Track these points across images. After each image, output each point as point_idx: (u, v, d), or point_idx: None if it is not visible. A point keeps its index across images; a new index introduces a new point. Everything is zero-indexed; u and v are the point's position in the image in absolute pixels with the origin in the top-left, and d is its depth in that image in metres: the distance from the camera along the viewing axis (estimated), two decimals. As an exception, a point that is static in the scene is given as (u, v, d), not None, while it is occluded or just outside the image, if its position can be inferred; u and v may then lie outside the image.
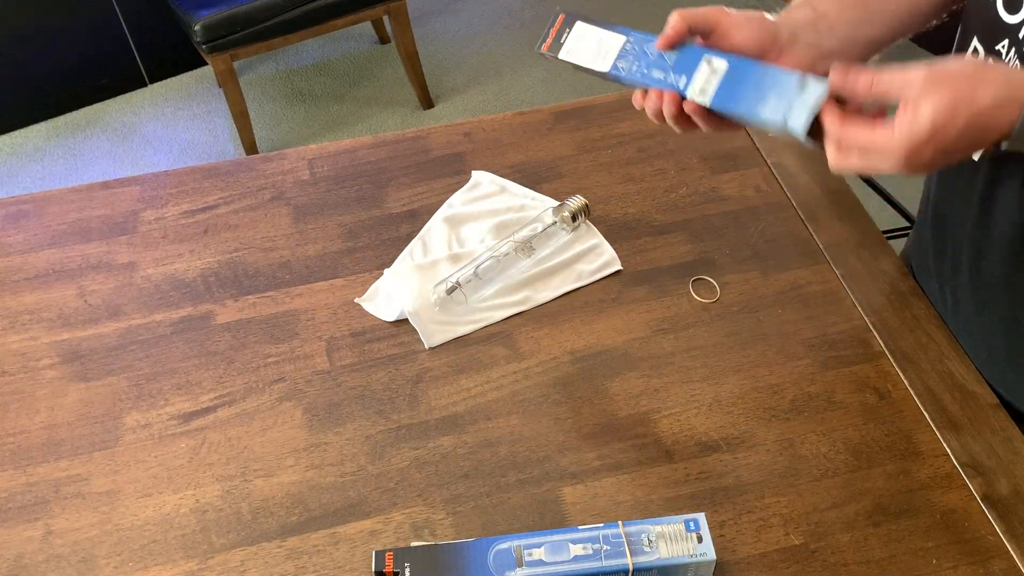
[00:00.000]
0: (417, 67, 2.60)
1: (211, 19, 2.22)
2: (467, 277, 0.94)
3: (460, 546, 0.69)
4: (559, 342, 0.91)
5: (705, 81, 0.71)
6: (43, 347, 0.93)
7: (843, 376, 0.86)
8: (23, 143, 2.67)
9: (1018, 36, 0.70)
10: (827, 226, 1.00)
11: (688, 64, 0.72)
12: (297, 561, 0.75)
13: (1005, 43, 0.72)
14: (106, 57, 2.71)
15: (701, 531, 0.69)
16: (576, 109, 1.16)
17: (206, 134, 2.66)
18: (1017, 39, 0.70)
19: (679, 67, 0.72)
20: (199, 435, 0.84)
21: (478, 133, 1.14)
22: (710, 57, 0.71)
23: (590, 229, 1.01)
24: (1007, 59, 0.72)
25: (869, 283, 0.94)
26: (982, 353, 0.85)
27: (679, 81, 0.72)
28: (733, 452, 0.81)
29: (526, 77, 2.79)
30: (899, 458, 0.80)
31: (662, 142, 1.11)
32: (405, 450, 0.82)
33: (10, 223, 1.06)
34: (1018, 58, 0.70)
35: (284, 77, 2.85)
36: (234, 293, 0.97)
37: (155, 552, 0.76)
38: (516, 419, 0.84)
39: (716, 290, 0.95)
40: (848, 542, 0.75)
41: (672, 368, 0.88)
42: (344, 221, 1.04)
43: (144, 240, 1.03)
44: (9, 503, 0.80)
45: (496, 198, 1.05)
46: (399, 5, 2.45)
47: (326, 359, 0.90)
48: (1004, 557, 0.73)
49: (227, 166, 1.11)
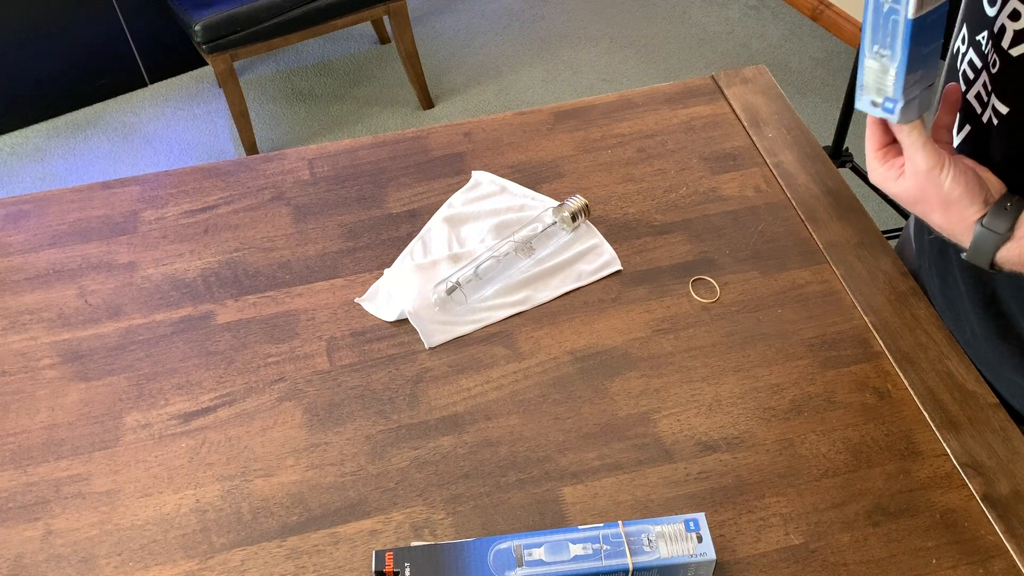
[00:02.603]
0: (417, 67, 2.60)
1: (211, 19, 2.22)
2: (467, 277, 0.94)
3: (460, 546, 0.69)
4: (559, 342, 0.91)
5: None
6: (43, 347, 0.93)
7: (843, 376, 0.86)
8: (23, 143, 2.67)
9: (994, 29, 0.70)
10: (827, 226, 1.00)
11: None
12: (297, 561, 0.75)
13: (985, 34, 0.72)
14: (106, 57, 2.71)
15: (701, 531, 0.69)
16: (576, 109, 1.17)
17: (206, 134, 2.66)
18: (993, 32, 0.70)
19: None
20: (199, 435, 0.85)
21: (478, 133, 1.14)
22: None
23: (590, 229, 1.01)
24: (985, 50, 0.72)
25: (869, 283, 0.94)
26: (966, 332, 0.87)
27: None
28: (733, 452, 0.81)
29: (526, 77, 2.79)
30: (899, 458, 0.80)
31: (662, 142, 1.11)
32: (405, 450, 0.83)
33: (10, 223, 1.06)
34: (994, 50, 0.70)
35: (284, 77, 2.85)
36: (234, 293, 0.97)
37: (155, 552, 0.76)
38: (516, 419, 0.84)
39: (716, 290, 0.95)
40: (848, 542, 0.75)
41: (672, 368, 0.88)
42: (344, 221, 1.04)
43: (144, 240, 1.03)
44: (9, 503, 0.80)
45: (496, 198, 1.05)
46: (399, 5, 2.45)
47: (326, 359, 0.90)
48: (1004, 557, 0.73)
49: (227, 166, 1.11)
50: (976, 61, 0.74)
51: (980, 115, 0.75)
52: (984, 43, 0.73)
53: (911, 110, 0.71)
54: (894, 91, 0.70)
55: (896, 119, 0.71)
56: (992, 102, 0.72)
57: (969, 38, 0.76)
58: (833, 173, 1.06)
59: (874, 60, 0.70)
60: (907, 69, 0.68)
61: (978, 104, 0.75)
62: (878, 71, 0.71)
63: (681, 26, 2.97)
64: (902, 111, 0.70)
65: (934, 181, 0.70)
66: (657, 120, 1.14)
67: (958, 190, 0.69)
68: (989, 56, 0.72)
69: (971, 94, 0.76)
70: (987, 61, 0.72)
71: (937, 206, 0.71)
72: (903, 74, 0.68)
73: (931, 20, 0.67)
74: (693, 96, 1.17)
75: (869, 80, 0.72)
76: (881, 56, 0.69)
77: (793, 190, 1.04)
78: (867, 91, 0.73)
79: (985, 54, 0.73)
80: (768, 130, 1.11)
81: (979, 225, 0.69)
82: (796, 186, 1.05)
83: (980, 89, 0.74)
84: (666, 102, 1.16)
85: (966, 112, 0.77)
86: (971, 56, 0.75)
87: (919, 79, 0.70)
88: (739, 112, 1.14)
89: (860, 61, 0.72)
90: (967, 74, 0.76)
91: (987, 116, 0.74)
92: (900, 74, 0.69)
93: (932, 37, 0.68)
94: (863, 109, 0.74)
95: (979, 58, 0.74)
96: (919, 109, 0.71)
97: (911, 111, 0.71)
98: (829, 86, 2.72)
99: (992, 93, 0.72)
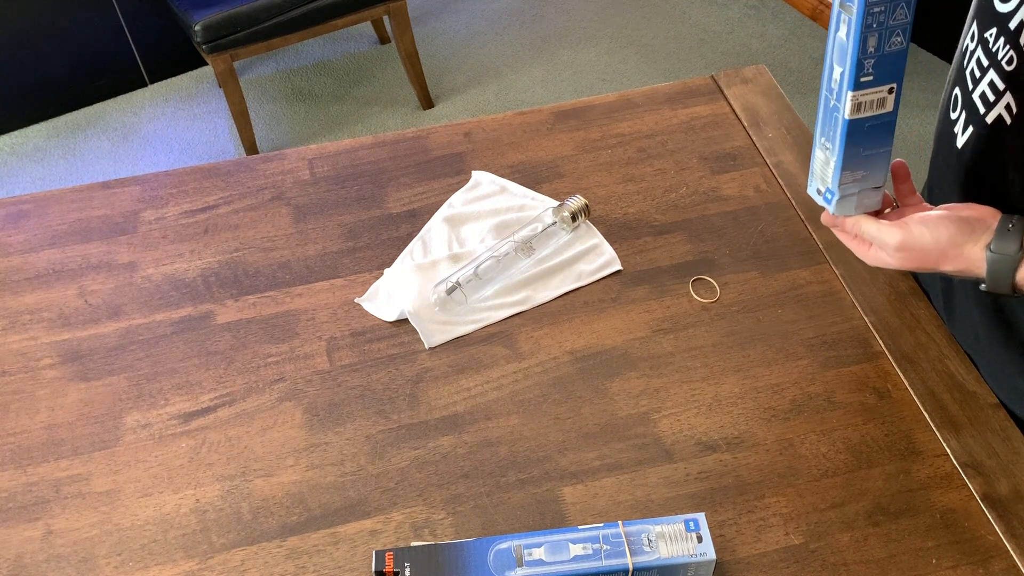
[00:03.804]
0: (417, 67, 2.60)
1: (211, 19, 2.22)
2: (467, 277, 0.94)
3: (460, 546, 0.69)
4: (559, 342, 0.91)
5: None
6: (43, 347, 0.93)
7: (843, 376, 0.86)
8: (23, 143, 2.67)
9: (1008, 25, 0.70)
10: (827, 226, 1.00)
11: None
12: (297, 561, 0.75)
13: (994, 31, 0.72)
14: (106, 57, 2.71)
15: (701, 531, 0.69)
16: (576, 109, 1.17)
17: (206, 134, 2.66)
18: (1007, 28, 0.70)
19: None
20: (199, 435, 0.85)
21: (478, 133, 1.14)
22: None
23: (590, 229, 1.01)
24: (994, 47, 0.72)
25: (869, 283, 0.94)
26: (969, 336, 0.87)
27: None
28: (733, 452, 0.81)
29: (526, 77, 2.79)
30: (899, 458, 0.80)
31: (662, 142, 1.11)
32: (405, 450, 0.83)
33: (10, 223, 1.06)
34: (1010, 46, 0.70)
35: (284, 77, 2.85)
36: (234, 293, 0.97)
37: (155, 552, 0.76)
38: (516, 419, 0.84)
39: (716, 290, 0.95)
40: (848, 542, 0.75)
41: (672, 368, 0.88)
42: (344, 221, 1.04)
43: (144, 240, 1.03)
44: (9, 503, 0.80)
45: (496, 198, 1.05)
46: (399, 5, 2.45)
47: (326, 359, 0.90)
48: (1004, 557, 0.73)
49: (227, 166, 1.11)
50: (984, 59, 0.74)
51: (984, 115, 0.74)
52: (991, 40, 0.72)
53: (847, 205, 0.75)
54: (832, 183, 0.74)
55: (832, 210, 0.76)
56: (1004, 101, 0.71)
57: (979, 35, 0.75)
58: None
59: (821, 151, 0.75)
60: (842, 165, 0.72)
61: (983, 104, 0.74)
62: (823, 162, 0.75)
63: (681, 26, 2.97)
64: (837, 203, 0.75)
65: (915, 244, 0.71)
66: (657, 120, 1.14)
67: (945, 234, 0.70)
68: (999, 54, 0.71)
69: (976, 94, 0.75)
70: (996, 59, 0.72)
71: (937, 259, 0.71)
72: (839, 169, 0.72)
73: (869, 126, 0.70)
74: (693, 96, 1.17)
75: (816, 168, 0.77)
76: (825, 148, 0.74)
77: (793, 190, 1.04)
78: (814, 179, 0.78)
79: (993, 52, 0.72)
80: (768, 130, 1.11)
81: (988, 252, 0.69)
82: (796, 186, 1.05)
83: (986, 88, 0.74)
84: (666, 102, 1.16)
85: (970, 113, 0.77)
86: (979, 54, 0.75)
87: (859, 179, 0.73)
88: (739, 112, 1.14)
89: (812, 150, 0.76)
90: (974, 73, 0.75)
91: (994, 115, 0.73)
92: (837, 168, 0.73)
93: (874, 143, 0.71)
94: (811, 195, 0.79)
95: (986, 56, 0.73)
96: (857, 207, 0.75)
97: (847, 206, 0.75)
98: (829, 86, 2.71)
99: (1007, 91, 0.71)
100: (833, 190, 0.74)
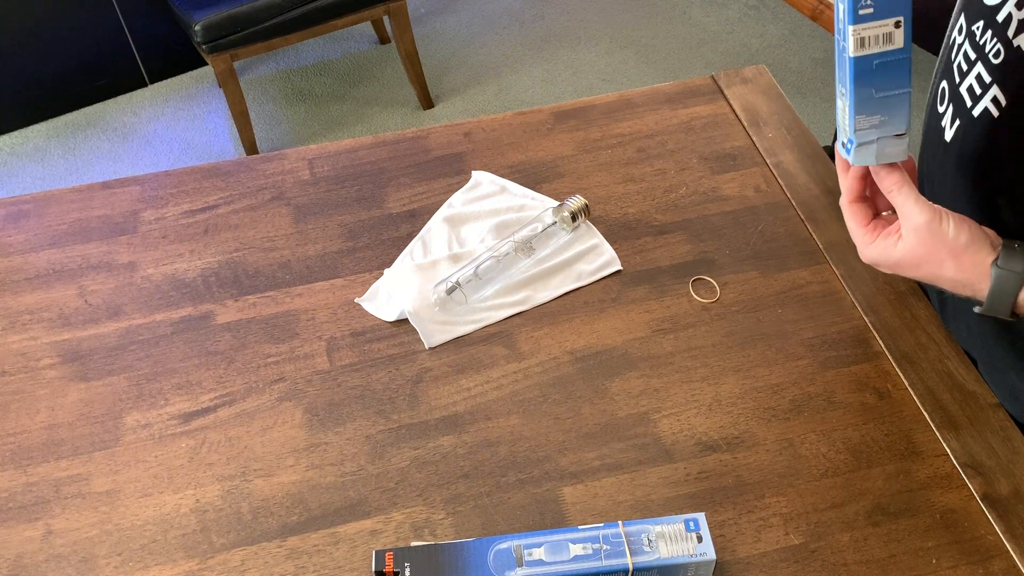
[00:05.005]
0: (417, 67, 2.60)
1: (211, 19, 2.22)
2: (467, 277, 0.94)
3: (460, 546, 0.69)
4: (559, 342, 0.91)
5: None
6: (43, 347, 0.93)
7: (843, 376, 0.86)
8: (23, 143, 2.67)
9: (995, 18, 0.69)
10: (827, 226, 1.00)
11: None
12: (297, 561, 0.75)
13: (981, 24, 0.72)
14: (106, 57, 2.71)
15: (701, 531, 0.69)
16: (576, 109, 1.17)
17: (206, 134, 2.66)
18: (995, 21, 0.70)
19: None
20: (199, 435, 0.85)
21: (478, 133, 1.14)
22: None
23: (590, 229, 1.01)
24: (981, 40, 0.71)
25: (869, 283, 0.94)
26: (962, 330, 0.86)
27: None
28: (733, 452, 0.81)
29: (526, 77, 2.79)
30: (899, 458, 0.80)
31: (662, 142, 1.11)
32: (405, 450, 0.83)
33: (10, 223, 1.06)
34: (998, 39, 0.69)
35: (284, 77, 2.85)
36: (234, 293, 0.97)
37: (155, 552, 0.76)
38: (516, 419, 0.84)
39: (716, 290, 0.95)
40: (848, 542, 0.75)
41: (672, 368, 0.88)
42: (344, 221, 1.04)
43: (144, 240, 1.03)
44: (9, 503, 0.80)
45: (496, 198, 1.05)
46: (399, 5, 2.45)
47: (326, 359, 0.90)
48: (1004, 557, 0.73)
49: (227, 166, 1.11)
50: (971, 52, 0.73)
51: (971, 109, 0.74)
52: (979, 33, 0.72)
53: (866, 153, 0.70)
54: (849, 130, 0.71)
55: (851, 160, 0.71)
56: (991, 94, 0.71)
57: (966, 28, 0.75)
58: (833, 173, 1.06)
59: (840, 99, 0.71)
60: (855, 108, 0.69)
61: (969, 97, 0.74)
62: (841, 110, 0.72)
63: (681, 26, 2.97)
64: (856, 151, 0.71)
65: (936, 232, 0.68)
66: (657, 120, 1.14)
67: (964, 235, 0.68)
68: (987, 47, 0.71)
69: (963, 87, 0.75)
70: (983, 52, 0.72)
71: (947, 257, 0.68)
72: (853, 113, 0.69)
73: (878, 63, 0.67)
74: (693, 96, 1.17)
75: (839, 120, 0.73)
76: (842, 95, 0.71)
77: (793, 190, 1.04)
78: (840, 133, 0.73)
79: (980, 45, 0.72)
80: (768, 130, 1.11)
81: (995, 267, 0.67)
82: (796, 186, 1.05)
83: (973, 81, 0.73)
84: (666, 102, 1.16)
85: (957, 106, 0.76)
86: (966, 48, 0.74)
87: (877, 124, 0.69)
88: (739, 112, 1.14)
89: (836, 103, 0.73)
90: (961, 66, 0.75)
91: (980, 108, 0.72)
92: (851, 112, 0.69)
93: (887, 82, 0.68)
94: (839, 152, 0.75)
95: (974, 49, 0.73)
96: (878, 155, 0.71)
97: (866, 154, 0.70)
98: (829, 86, 2.72)
99: (993, 84, 0.71)
100: (852, 137, 0.70)
